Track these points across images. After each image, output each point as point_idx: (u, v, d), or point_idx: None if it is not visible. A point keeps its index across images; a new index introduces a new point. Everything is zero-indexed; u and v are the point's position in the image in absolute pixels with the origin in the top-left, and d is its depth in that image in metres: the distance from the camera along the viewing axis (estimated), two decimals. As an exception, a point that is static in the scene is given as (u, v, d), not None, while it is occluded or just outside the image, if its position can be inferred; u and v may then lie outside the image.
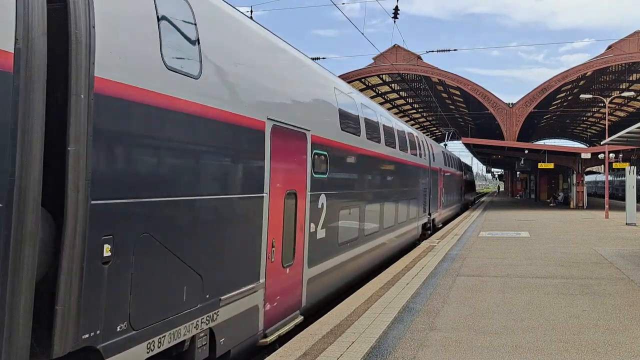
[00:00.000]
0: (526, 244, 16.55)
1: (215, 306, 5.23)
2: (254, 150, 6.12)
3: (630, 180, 25.20)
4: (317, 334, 6.74)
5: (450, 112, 77.30)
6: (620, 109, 72.79)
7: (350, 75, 56.11)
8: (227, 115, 5.47)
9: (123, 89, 4.05)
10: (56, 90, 3.63)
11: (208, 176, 5.22)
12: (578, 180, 40.30)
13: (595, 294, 9.18)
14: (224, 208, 5.46)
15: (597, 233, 20.26)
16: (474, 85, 55.47)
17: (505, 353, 6.08)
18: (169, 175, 4.59)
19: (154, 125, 4.41)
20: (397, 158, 14.37)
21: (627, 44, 52.03)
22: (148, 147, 4.38)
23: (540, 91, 53.85)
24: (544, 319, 7.58)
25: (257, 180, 6.14)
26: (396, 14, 23.18)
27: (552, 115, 75.27)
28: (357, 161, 10.54)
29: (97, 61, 3.79)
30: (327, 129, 8.69)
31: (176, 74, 4.69)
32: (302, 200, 7.58)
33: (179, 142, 4.72)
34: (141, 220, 4.24)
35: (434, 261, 12.98)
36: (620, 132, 16.81)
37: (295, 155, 7.38)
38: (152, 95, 4.34)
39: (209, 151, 5.23)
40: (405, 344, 6.38)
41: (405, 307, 8.21)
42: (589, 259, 13.39)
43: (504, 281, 10.41)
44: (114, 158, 4.06)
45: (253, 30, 6.50)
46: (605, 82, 62.16)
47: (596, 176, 73.19)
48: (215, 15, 5.57)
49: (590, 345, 6.38)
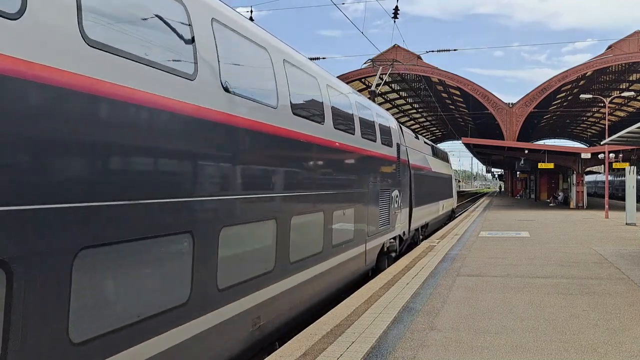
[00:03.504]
0: (526, 244, 16.54)
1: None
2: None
3: (630, 180, 25.20)
4: (316, 334, 6.74)
5: (450, 112, 77.34)
6: (620, 109, 72.84)
7: (350, 76, 56.16)
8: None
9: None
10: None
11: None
12: (578, 180, 40.30)
13: (595, 294, 9.18)
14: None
15: (597, 233, 20.25)
16: (474, 85, 55.50)
17: (505, 353, 6.08)
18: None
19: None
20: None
21: (627, 43, 52.08)
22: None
23: (540, 91, 53.90)
24: (544, 318, 7.58)
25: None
26: (396, 14, 23.19)
27: (552, 115, 75.30)
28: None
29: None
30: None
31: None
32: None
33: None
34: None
35: (434, 261, 12.97)
36: (620, 132, 16.81)
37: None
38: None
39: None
40: (405, 344, 6.38)
41: (405, 307, 8.21)
42: (589, 258, 13.39)
43: (504, 281, 10.40)
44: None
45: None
46: (605, 82, 62.20)
47: (596, 176, 73.20)
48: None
49: (590, 345, 6.38)
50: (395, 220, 14.12)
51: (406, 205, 15.85)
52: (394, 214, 13.91)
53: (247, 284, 6.17)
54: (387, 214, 13.15)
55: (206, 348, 5.37)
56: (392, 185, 13.67)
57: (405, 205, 15.69)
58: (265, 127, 6.65)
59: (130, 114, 4.38)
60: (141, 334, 4.41)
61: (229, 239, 5.75)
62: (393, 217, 13.82)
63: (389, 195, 13.24)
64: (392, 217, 13.65)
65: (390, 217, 13.53)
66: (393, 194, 13.77)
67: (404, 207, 15.46)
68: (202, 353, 5.32)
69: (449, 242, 17.26)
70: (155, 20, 4.87)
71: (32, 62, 3.48)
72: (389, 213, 13.30)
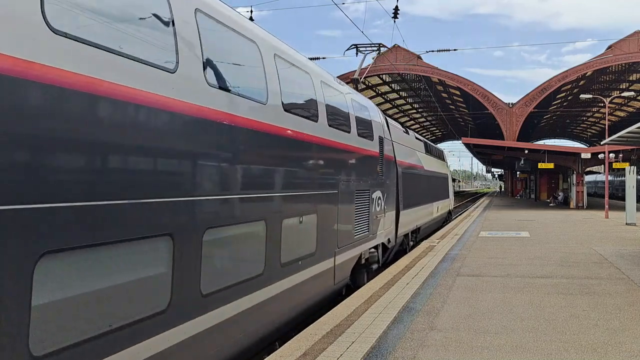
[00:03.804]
0: (526, 244, 16.54)
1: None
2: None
3: (630, 180, 25.21)
4: (317, 334, 6.74)
5: (450, 112, 77.36)
6: (620, 109, 72.86)
7: (350, 75, 56.13)
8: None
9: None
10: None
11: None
12: (578, 180, 40.31)
13: (595, 294, 9.18)
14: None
15: (597, 233, 20.25)
16: (474, 85, 55.51)
17: (505, 353, 6.08)
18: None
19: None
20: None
21: (627, 43, 52.07)
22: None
23: (540, 91, 53.91)
24: (544, 319, 7.58)
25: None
26: (396, 14, 23.21)
27: (552, 115, 75.32)
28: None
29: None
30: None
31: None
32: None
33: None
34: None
35: (434, 261, 12.97)
36: (620, 132, 16.82)
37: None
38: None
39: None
40: (405, 344, 6.38)
41: (405, 307, 8.21)
42: (589, 258, 13.39)
43: (504, 281, 10.40)
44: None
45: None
46: (605, 82, 62.23)
47: (596, 176, 73.19)
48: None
49: (590, 345, 6.38)
50: (377, 226, 12.07)
51: (392, 208, 13.81)
52: (375, 219, 11.85)
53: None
54: (366, 219, 11.16)
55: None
56: (373, 186, 11.61)
57: (392, 208, 13.71)
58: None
59: (102, 108, 4.06)
60: (113, 345, 4.09)
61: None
62: (374, 222, 11.80)
63: (368, 197, 11.26)
64: (372, 222, 11.62)
65: (371, 223, 11.48)
66: (374, 196, 11.76)
67: (389, 211, 13.42)
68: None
69: (449, 242, 17.27)
70: (133, 9, 4.62)
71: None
72: (369, 218, 11.35)
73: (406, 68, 55.08)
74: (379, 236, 12.42)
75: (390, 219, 13.54)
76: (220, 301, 5.58)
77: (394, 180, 14.10)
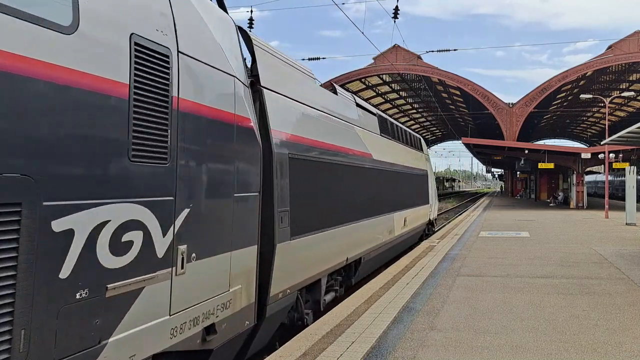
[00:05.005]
0: (526, 244, 16.54)
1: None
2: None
3: (630, 180, 25.20)
4: (316, 334, 6.74)
5: (450, 112, 77.34)
6: (620, 109, 72.83)
7: (350, 75, 56.15)
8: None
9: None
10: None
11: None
12: (578, 180, 40.31)
13: (595, 294, 9.18)
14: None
15: (597, 233, 20.25)
16: (474, 85, 55.48)
17: (505, 353, 6.08)
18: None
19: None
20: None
21: (627, 43, 52.06)
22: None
23: (540, 91, 53.88)
24: (544, 319, 7.58)
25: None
26: (396, 14, 23.20)
27: (552, 115, 75.29)
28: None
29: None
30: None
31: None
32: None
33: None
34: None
35: (434, 261, 12.97)
36: (620, 132, 16.82)
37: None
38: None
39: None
40: (405, 344, 6.38)
41: (405, 307, 8.21)
42: (589, 258, 13.39)
43: (504, 281, 10.41)
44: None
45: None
46: (605, 82, 62.20)
47: (596, 176, 73.18)
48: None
49: (590, 345, 6.38)
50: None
51: (227, 247, 5.50)
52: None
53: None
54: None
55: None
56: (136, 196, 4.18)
57: (225, 247, 5.45)
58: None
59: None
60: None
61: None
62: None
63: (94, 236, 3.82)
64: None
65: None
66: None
67: (218, 253, 5.36)
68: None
69: (449, 242, 17.27)
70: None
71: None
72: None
73: (406, 68, 55.07)
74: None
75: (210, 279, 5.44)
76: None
77: (250, 177, 6.07)
